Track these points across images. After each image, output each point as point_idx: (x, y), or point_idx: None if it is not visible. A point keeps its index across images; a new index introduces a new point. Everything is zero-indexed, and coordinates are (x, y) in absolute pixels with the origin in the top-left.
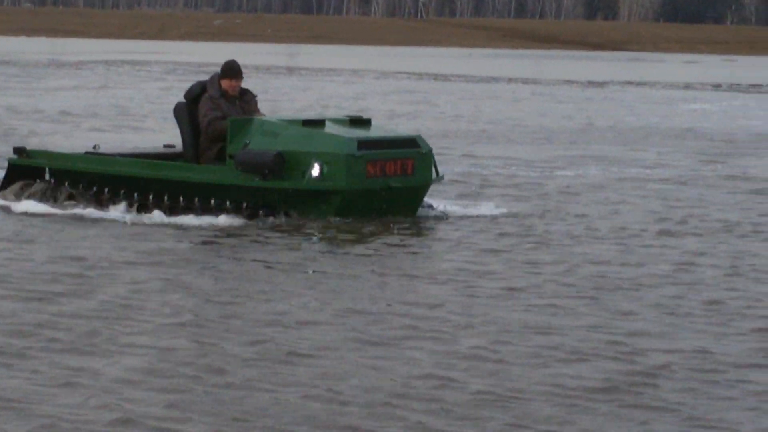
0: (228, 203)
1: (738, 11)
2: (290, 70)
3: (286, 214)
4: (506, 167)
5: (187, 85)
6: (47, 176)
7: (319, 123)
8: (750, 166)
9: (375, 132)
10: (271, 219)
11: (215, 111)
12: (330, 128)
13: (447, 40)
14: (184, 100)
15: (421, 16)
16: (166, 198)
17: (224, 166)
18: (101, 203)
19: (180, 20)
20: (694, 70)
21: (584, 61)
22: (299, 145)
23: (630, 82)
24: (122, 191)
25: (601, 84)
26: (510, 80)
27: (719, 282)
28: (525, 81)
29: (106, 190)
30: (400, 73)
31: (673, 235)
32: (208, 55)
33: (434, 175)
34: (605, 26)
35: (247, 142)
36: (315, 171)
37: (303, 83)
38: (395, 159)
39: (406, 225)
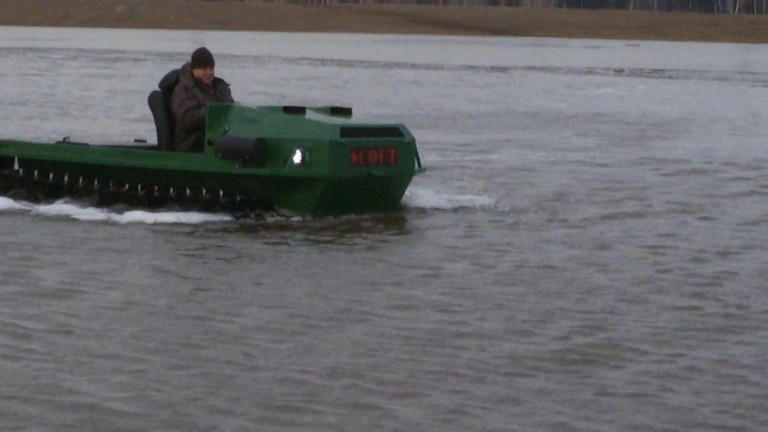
0: (204, 192)
1: None
2: None
3: (258, 215)
4: (442, 152)
5: (110, 71)
6: (16, 166)
7: (300, 110)
8: (679, 148)
9: (356, 120)
10: (250, 216)
11: (190, 100)
12: (311, 115)
13: (351, 26)
14: (158, 89)
15: (324, 2)
16: (140, 188)
17: (202, 154)
18: (74, 194)
19: (83, 6)
20: (596, 55)
21: (487, 47)
22: (281, 131)
23: (533, 67)
24: (95, 182)
25: (505, 69)
26: (413, 66)
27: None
28: (428, 66)
29: (80, 180)
30: (303, 59)
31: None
32: (111, 42)
33: (416, 166)
34: (508, 12)
35: (227, 128)
36: (297, 158)
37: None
38: (378, 147)
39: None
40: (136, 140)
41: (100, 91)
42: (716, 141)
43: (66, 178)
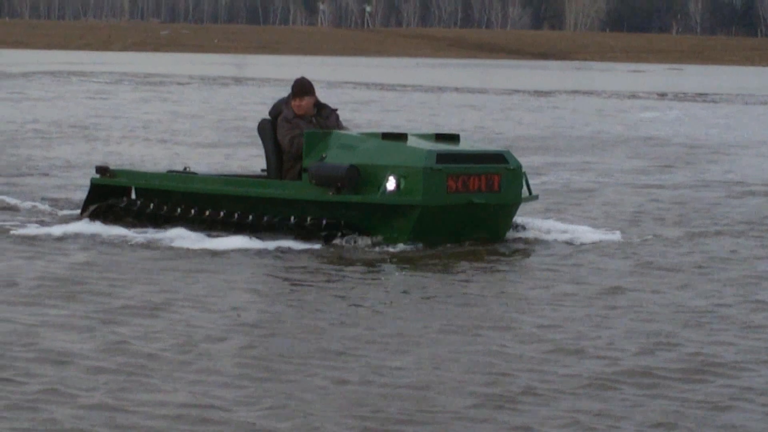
0: (292, 219)
1: (683, 20)
2: (237, 81)
3: (348, 238)
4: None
5: (161, 95)
6: (133, 196)
7: (400, 137)
8: (733, 171)
9: (459, 147)
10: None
11: (294, 129)
12: (411, 141)
13: (393, 50)
14: (268, 116)
15: (368, 25)
16: (241, 216)
17: (299, 182)
18: (180, 222)
19: (126, 30)
20: (640, 79)
21: (530, 70)
22: (376, 158)
23: (577, 91)
24: (202, 209)
25: (548, 93)
26: (457, 89)
27: None
28: (472, 90)
29: (186, 208)
30: (347, 82)
31: None
32: (154, 66)
33: (526, 193)
34: (552, 36)
35: (324, 155)
36: (390, 184)
37: (251, 94)
38: (479, 174)
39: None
40: (262, 170)
41: (158, 115)
42: (760, 164)
43: (174, 206)
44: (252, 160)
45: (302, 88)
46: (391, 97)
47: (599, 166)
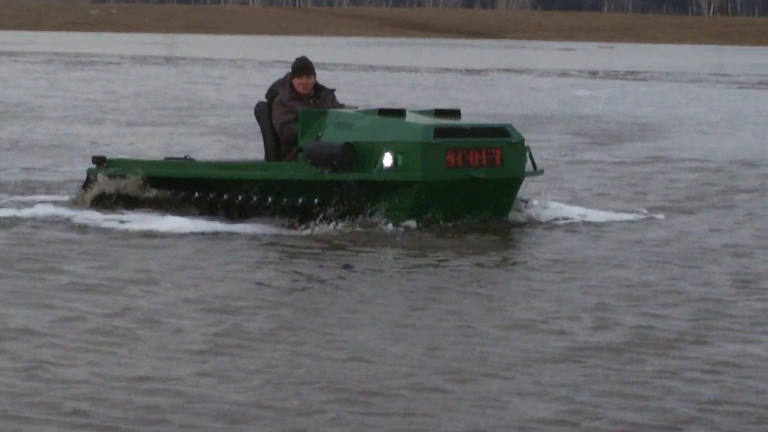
0: (305, 201)
1: None
2: (168, 60)
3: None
4: None
5: (102, 74)
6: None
7: (398, 113)
8: (685, 148)
9: (459, 121)
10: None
11: (288, 114)
12: (409, 117)
13: (325, 29)
14: (264, 99)
15: (299, 5)
16: (240, 198)
17: (295, 162)
18: (179, 207)
19: (56, 10)
20: (571, 58)
21: (463, 49)
22: (372, 135)
23: (509, 69)
24: (196, 194)
25: (481, 71)
26: (389, 68)
27: None
28: (404, 69)
29: (185, 193)
30: (279, 62)
31: None
32: (86, 45)
33: (530, 168)
34: (483, 14)
35: (320, 134)
36: (387, 161)
37: (183, 74)
38: (480, 148)
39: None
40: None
41: (95, 94)
42: (703, 140)
43: (174, 193)
44: (194, 139)
45: (305, 66)
46: (324, 77)
47: (540, 143)
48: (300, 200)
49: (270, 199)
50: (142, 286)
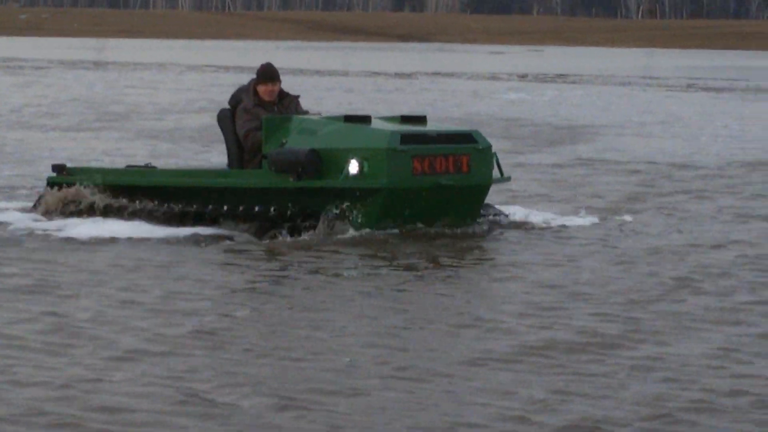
0: (272, 209)
1: (544, 2)
2: (98, 65)
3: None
4: None
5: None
6: (90, 194)
7: (363, 119)
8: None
9: (426, 127)
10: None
11: (252, 122)
12: (375, 124)
13: (255, 33)
14: (228, 106)
15: (229, 9)
16: (208, 208)
17: (260, 170)
18: (141, 216)
19: None
20: (500, 61)
21: (392, 53)
22: (337, 141)
23: (438, 73)
24: (162, 203)
25: (410, 75)
26: (318, 72)
27: None
28: (333, 73)
29: (147, 202)
30: (208, 66)
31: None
32: (13, 50)
33: (497, 175)
34: (412, 18)
35: (284, 141)
36: (353, 168)
37: (114, 78)
38: (446, 155)
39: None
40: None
41: (29, 99)
42: (637, 142)
43: (133, 201)
44: (127, 144)
45: (270, 73)
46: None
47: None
48: (272, 209)
49: (240, 208)
50: (89, 288)
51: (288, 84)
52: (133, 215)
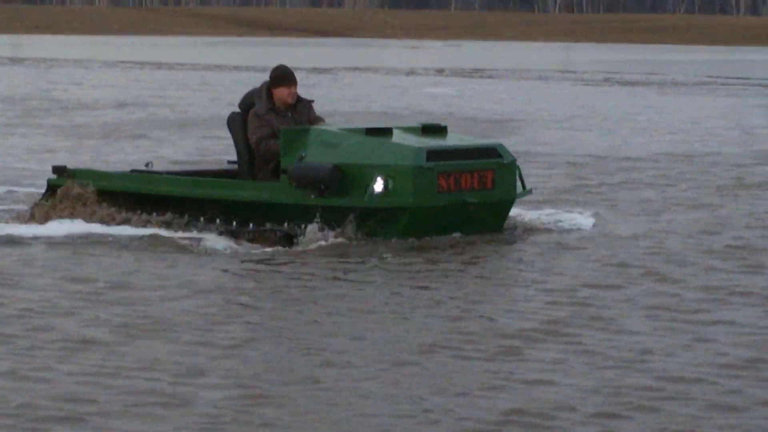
0: (286, 224)
1: None
2: (14, 61)
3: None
4: None
5: None
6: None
7: (385, 132)
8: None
9: (450, 141)
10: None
11: (263, 128)
12: (398, 137)
13: (172, 29)
14: (238, 109)
15: (145, 4)
16: (218, 220)
17: (277, 183)
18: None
19: None
20: (418, 56)
21: (310, 48)
22: (360, 156)
23: (356, 68)
24: (169, 213)
25: (328, 70)
26: (236, 68)
27: None
28: (251, 68)
29: (154, 213)
30: (125, 62)
31: None
32: None
33: (520, 188)
34: (330, 13)
35: (303, 154)
36: (378, 186)
37: (34, 75)
38: (472, 171)
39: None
40: (229, 162)
41: None
42: (560, 136)
43: (137, 209)
44: (52, 140)
45: (288, 75)
46: (173, 77)
47: None
48: (285, 225)
49: (251, 225)
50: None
51: (206, 79)
52: (137, 224)
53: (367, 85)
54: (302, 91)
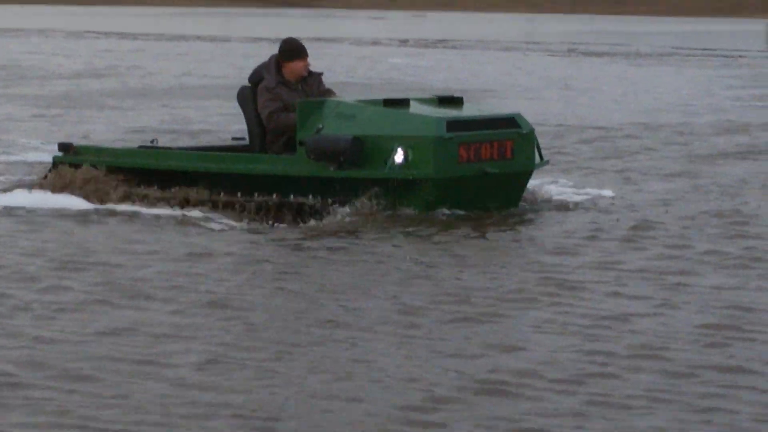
0: (306, 198)
1: None
2: None
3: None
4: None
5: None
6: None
7: (402, 102)
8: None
9: (468, 111)
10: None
11: (274, 102)
12: (415, 108)
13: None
14: (248, 83)
15: None
16: (237, 196)
17: (293, 155)
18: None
19: None
20: (382, 26)
21: (274, 18)
22: (380, 128)
23: (321, 38)
24: (181, 188)
25: None
26: (200, 38)
27: None
28: (215, 39)
29: (165, 188)
30: (89, 32)
31: None
32: None
33: (537, 159)
34: None
35: (320, 126)
36: (398, 157)
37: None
38: (491, 141)
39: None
40: (233, 138)
41: None
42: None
43: (148, 186)
44: (18, 109)
45: (300, 48)
46: (134, 46)
47: None
48: (309, 197)
49: (274, 196)
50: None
51: (169, 50)
52: (148, 201)
53: (330, 57)
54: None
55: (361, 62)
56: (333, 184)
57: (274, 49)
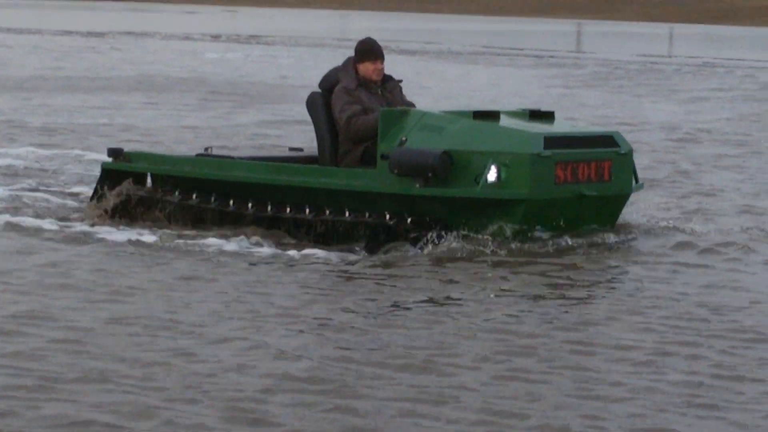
0: (387, 217)
1: None
2: None
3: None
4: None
5: None
6: (149, 184)
7: (493, 115)
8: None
9: (562, 127)
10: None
11: (353, 105)
12: (507, 121)
13: None
14: (318, 90)
15: None
16: (305, 211)
17: (374, 170)
18: (224, 217)
19: None
20: (193, 21)
21: (84, 11)
22: (471, 142)
23: (131, 32)
24: (248, 203)
25: (102, 34)
26: (10, 30)
27: None
28: (23, 31)
29: (225, 201)
30: None
31: None
32: None
33: (633, 182)
34: None
35: (404, 138)
36: (492, 175)
37: None
38: (589, 161)
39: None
40: (291, 149)
41: None
42: None
43: (210, 198)
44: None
45: (376, 49)
46: None
47: (175, 107)
48: (387, 217)
49: (347, 214)
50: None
51: None
52: (207, 215)
53: (143, 51)
54: (77, 56)
55: (174, 57)
56: (417, 202)
57: (86, 42)
